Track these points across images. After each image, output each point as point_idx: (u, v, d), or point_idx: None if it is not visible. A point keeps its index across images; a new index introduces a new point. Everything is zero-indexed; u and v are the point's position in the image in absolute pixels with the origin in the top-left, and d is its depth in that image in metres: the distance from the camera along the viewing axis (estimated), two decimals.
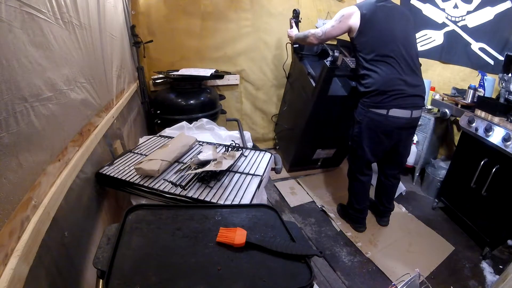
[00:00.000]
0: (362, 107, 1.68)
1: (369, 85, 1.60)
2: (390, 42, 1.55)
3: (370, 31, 1.57)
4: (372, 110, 1.63)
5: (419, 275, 1.29)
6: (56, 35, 0.85)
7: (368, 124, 1.67)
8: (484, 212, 1.84)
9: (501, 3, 2.08)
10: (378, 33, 1.56)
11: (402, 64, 1.56)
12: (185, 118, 1.96)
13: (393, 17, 1.60)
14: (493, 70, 2.17)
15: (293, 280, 0.62)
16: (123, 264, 0.61)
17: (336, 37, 1.74)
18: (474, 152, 1.91)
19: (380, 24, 1.56)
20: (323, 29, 1.72)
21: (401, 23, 1.62)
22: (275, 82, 2.90)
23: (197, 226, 0.77)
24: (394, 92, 1.56)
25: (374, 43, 1.57)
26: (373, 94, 1.59)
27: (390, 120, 1.60)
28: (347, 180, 2.00)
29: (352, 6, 1.61)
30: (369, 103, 1.63)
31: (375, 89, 1.58)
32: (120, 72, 1.64)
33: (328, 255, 1.80)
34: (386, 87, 1.56)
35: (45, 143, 0.75)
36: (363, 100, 1.66)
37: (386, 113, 1.59)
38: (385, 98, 1.57)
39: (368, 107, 1.64)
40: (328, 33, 1.71)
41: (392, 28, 1.58)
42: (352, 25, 1.59)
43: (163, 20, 2.28)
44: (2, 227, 0.56)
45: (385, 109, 1.59)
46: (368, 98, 1.63)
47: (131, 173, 1.13)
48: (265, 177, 1.19)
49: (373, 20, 1.56)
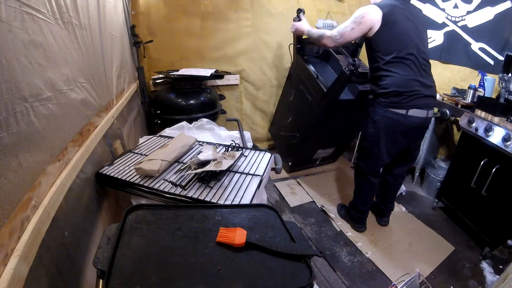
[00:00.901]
0: (380, 107, 1.63)
1: (387, 86, 1.57)
2: (408, 43, 1.53)
3: (391, 31, 1.52)
4: (391, 110, 1.59)
5: (419, 275, 1.29)
6: (56, 35, 0.85)
7: (386, 124, 1.63)
8: (484, 212, 1.84)
9: (501, 3, 2.07)
10: (398, 34, 1.52)
11: (418, 65, 1.54)
12: (185, 118, 1.96)
13: (409, 17, 1.56)
14: (493, 70, 2.17)
15: (293, 280, 0.62)
16: (123, 264, 0.61)
17: (354, 40, 1.65)
18: (474, 152, 1.91)
19: (400, 24, 1.52)
20: (340, 31, 1.61)
21: (416, 23, 1.58)
22: (275, 82, 2.90)
23: (197, 226, 0.76)
24: (412, 93, 1.54)
25: (394, 44, 1.52)
26: (391, 94, 1.57)
27: (409, 119, 1.58)
28: (347, 180, 2.00)
29: (371, 5, 1.55)
30: (387, 103, 1.60)
31: (393, 90, 1.55)
32: (120, 72, 1.64)
33: (328, 255, 1.80)
34: (404, 88, 1.54)
35: (45, 143, 0.75)
36: (381, 100, 1.62)
37: (406, 113, 1.57)
38: (404, 98, 1.55)
39: (386, 107, 1.60)
40: (347, 36, 1.61)
41: (409, 28, 1.54)
42: (373, 25, 1.52)
43: (163, 20, 2.28)
44: (2, 227, 0.56)
45: (404, 109, 1.57)
46: (386, 98, 1.60)
47: (131, 173, 1.13)
48: (265, 177, 1.19)
49: (394, 20, 1.51)
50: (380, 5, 1.53)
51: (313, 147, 2.49)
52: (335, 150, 2.70)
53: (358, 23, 1.55)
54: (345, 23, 1.61)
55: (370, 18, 1.51)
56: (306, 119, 2.26)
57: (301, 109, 2.32)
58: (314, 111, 2.14)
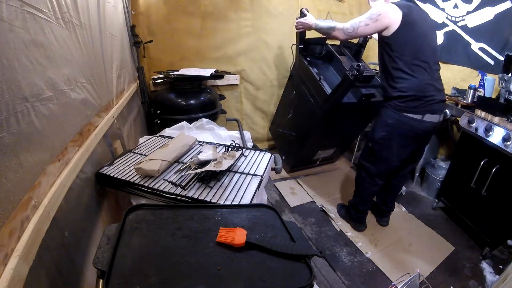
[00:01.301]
0: (394, 110, 1.58)
1: (405, 89, 1.52)
2: (426, 45, 1.50)
3: (410, 32, 1.47)
4: (406, 114, 1.55)
5: (419, 275, 1.29)
6: (57, 34, 0.85)
7: (400, 128, 1.59)
8: (484, 212, 1.84)
9: (501, 3, 2.07)
10: (418, 36, 1.48)
11: (433, 69, 1.53)
12: (185, 118, 1.96)
13: (425, 18, 1.54)
14: (493, 70, 2.17)
15: (293, 280, 0.62)
16: (123, 264, 0.61)
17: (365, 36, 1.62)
18: (474, 152, 1.91)
19: (419, 25, 1.48)
20: (354, 25, 1.55)
21: (428, 24, 1.56)
22: (275, 82, 2.90)
23: (197, 226, 0.76)
24: (428, 98, 1.52)
25: (414, 46, 1.48)
26: (409, 99, 1.52)
27: (424, 124, 1.56)
28: (347, 180, 2.00)
29: (390, 4, 1.49)
30: (403, 107, 1.55)
31: (412, 94, 1.51)
32: (120, 72, 1.64)
33: (328, 255, 1.80)
34: (423, 93, 1.51)
35: (45, 143, 0.75)
36: (396, 103, 1.57)
37: (422, 118, 1.54)
38: (422, 104, 1.52)
39: (401, 111, 1.56)
40: (360, 31, 1.55)
41: (426, 29, 1.52)
42: (391, 24, 1.46)
43: (163, 20, 2.28)
44: (2, 227, 0.56)
45: (420, 114, 1.53)
46: (402, 102, 1.55)
47: (131, 173, 1.13)
48: (265, 177, 1.19)
49: (414, 20, 1.47)
50: (399, 4, 1.48)
51: (314, 148, 2.49)
52: (335, 151, 2.70)
53: (375, 20, 1.49)
54: (359, 18, 1.55)
55: (388, 17, 1.46)
56: (307, 121, 2.26)
57: (302, 111, 2.31)
58: (315, 113, 2.13)
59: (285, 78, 2.84)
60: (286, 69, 2.90)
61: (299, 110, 2.37)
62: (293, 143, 2.47)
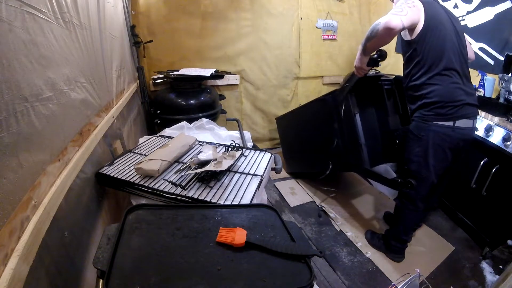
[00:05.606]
0: (422, 121, 1.47)
1: (430, 96, 1.42)
2: (452, 49, 1.38)
3: (434, 33, 1.35)
4: (436, 123, 1.43)
5: (419, 275, 1.29)
6: (57, 34, 0.85)
7: (433, 139, 1.45)
8: (484, 212, 1.84)
9: (501, 3, 2.07)
10: (443, 38, 1.36)
11: (462, 73, 1.42)
12: (185, 118, 1.96)
13: (449, 15, 1.41)
14: (493, 70, 2.17)
15: (293, 280, 0.62)
16: (123, 264, 0.61)
17: (411, 26, 1.35)
18: (474, 152, 1.91)
19: (443, 25, 1.36)
20: (397, 9, 1.32)
21: (454, 22, 1.43)
22: (275, 82, 2.90)
23: (197, 226, 0.76)
24: (458, 103, 1.40)
25: (441, 51, 1.37)
26: (436, 106, 1.41)
27: (457, 131, 1.43)
28: (347, 179, 1.99)
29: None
30: (432, 116, 1.43)
31: (438, 100, 1.40)
32: (120, 72, 1.65)
33: (328, 255, 1.80)
34: (450, 98, 1.40)
35: (45, 143, 0.75)
36: (423, 113, 1.46)
37: (453, 124, 1.41)
38: (450, 109, 1.40)
39: (430, 120, 1.44)
40: (408, 18, 1.29)
41: (451, 30, 1.40)
42: (420, 19, 1.33)
43: (163, 20, 2.28)
44: (2, 227, 0.56)
45: (451, 120, 1.41)
46: (429, 110, 1.43)
47: (131, 173, 1.13)
48: (265, 177, 1.19)
49: (436, 18, 1.35)
50: (422, 0, 1.35)
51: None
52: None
53: (412, 6, 1.32)
54: (395, 8, 1.34)
55: (419, 8, 1.33)
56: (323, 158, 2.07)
57: (322, 145, 2.08)
58: (334, 158, 1.97)
59: (285, 78, 2.84)
60: (286, 69, 2.90)
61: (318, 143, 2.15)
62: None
